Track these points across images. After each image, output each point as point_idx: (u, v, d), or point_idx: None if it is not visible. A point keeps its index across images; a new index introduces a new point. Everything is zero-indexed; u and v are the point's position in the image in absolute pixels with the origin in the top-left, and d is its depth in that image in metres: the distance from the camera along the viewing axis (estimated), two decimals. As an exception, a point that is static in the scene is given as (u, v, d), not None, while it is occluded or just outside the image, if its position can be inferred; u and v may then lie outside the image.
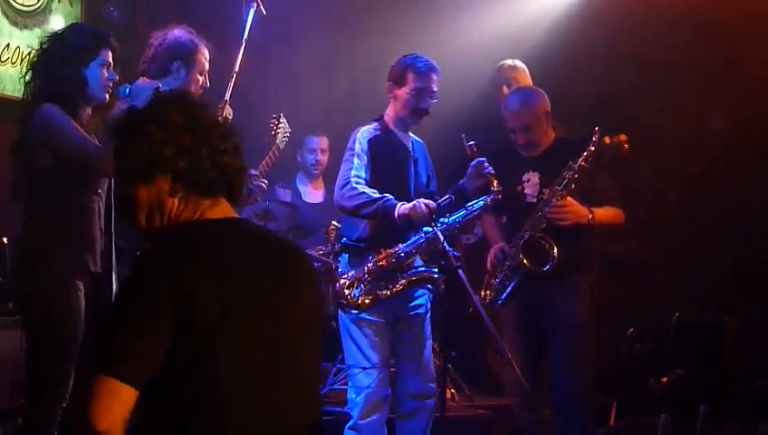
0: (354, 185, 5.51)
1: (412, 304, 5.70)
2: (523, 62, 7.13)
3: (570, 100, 5.93)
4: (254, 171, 5.75)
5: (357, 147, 5.66)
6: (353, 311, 5.53)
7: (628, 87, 8.31)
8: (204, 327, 2.72)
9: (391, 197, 5.45)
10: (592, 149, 5.57)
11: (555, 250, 5.54)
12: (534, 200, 5.71)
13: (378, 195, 5.46)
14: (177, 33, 5.36)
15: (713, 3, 8.02)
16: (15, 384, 5.41)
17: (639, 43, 8.33)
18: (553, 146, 5.79)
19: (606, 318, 6.11)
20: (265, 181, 5.82)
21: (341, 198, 5.56)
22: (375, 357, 5.58)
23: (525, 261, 5.63)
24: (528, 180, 5.79)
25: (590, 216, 5.61)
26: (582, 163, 5.57)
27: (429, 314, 5.76)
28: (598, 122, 5.69)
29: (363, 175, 5.57)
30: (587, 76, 6.75)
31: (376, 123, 5.76)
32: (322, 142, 8.36)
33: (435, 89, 5.69)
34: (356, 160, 5.61)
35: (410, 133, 5.85)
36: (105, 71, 4.83)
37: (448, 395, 6.62)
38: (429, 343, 5.76)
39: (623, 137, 5.74)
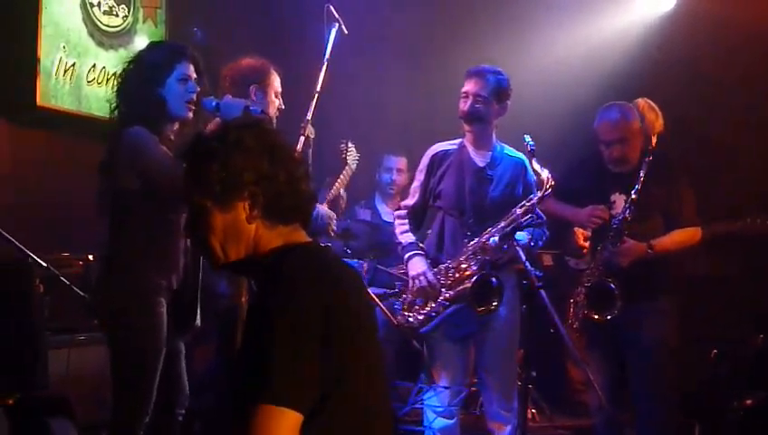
0: (396, 221, 5.97)
1: (481, 326, 5.66)
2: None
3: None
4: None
5: (421, 165, 5.95)
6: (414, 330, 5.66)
7: (707, 105, 8.22)
8: (340, 350, 2.72)
9: (409, 242, 5.78)
10: (634, 197, 5.58)
11: (619, 303, 5.53)
12: (616, 223, 5.67)
13: (402, 241, 5.84)
14: (249, 60, 5.57)
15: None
16: (100, 399, 5.48)
17: (718, 62, 8.24)
18: (639, 165, 5.71)
19: (687, 338, 6.04)
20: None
21: None
22: (441, 376, 5.64)
23: (593, 313, 5.65)
24: (614, 202, 5.77)
25: (649, 250, 5.60)
26: (627, 216, 5.61)
27: (510, 337, 5.71)
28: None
29: (412, 202, 5.94)
30: (667, 94, 6.67)
31: (459, 140, 5.81)
32: (400, 163, 8.35)
33: (472, 90, 5.68)
34: (413, 184, 5.99)
35: (506, 148, 5.82)
36: (183, 85, 4.80)
37: (529, 415, 6.59)
38: (510, 367, 5.71)
39: None
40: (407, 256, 5.75)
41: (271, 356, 2.62)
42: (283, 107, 5.54)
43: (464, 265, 5.53)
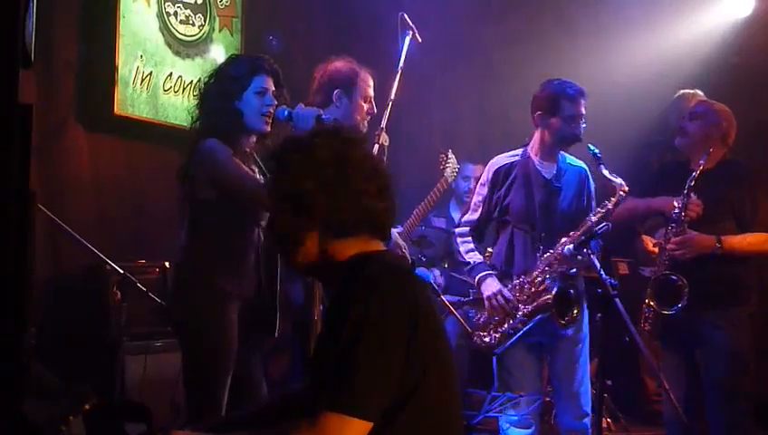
0: (458, 239, 5.87)
1: (556, 333, 5.62)
2: (681, 87, 7.04)
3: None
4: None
5: (482, 178, 5.87)
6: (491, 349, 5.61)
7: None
8: (423, 357, 2.74)
9: (479, 262, 5.72)
10: (692, 184, 5.52)
11: (686, 290, 5.44)
12: (675, 214, 5.61)
13: (471, 261, 5.75)
14: (337, 63, 5.54)
15: None
16: (176, 405, 5.53)
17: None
18: (716, 170, 5.65)
19: (763, 348, 5.96)
20: None
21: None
22: (515, 385, 5.57)
23: (652, 302, 5.59)
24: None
25: (717, 245, 5.51)
26: (686, 203, 5.54)
27: (582, 344, 5.68)
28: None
29: (475, 217, 5.82)
30: (748, 101, 6.59)
31: (519, 151, 5.76)
32: (477, 171, 8.29)
33: (584, 112, 5.59)
34: (474, 199, 5.90)
35: (568, 158, 5.76)
36: (261, 98, 4.81)
37: (604, 425, 6.54)
38: (582, 375, 5.67)
39: None
40: (478, 276, 5.70)
41: (356, 364, 2.63)
42: (375, 111, 5.54)
43: (539, 279, 5.50)
